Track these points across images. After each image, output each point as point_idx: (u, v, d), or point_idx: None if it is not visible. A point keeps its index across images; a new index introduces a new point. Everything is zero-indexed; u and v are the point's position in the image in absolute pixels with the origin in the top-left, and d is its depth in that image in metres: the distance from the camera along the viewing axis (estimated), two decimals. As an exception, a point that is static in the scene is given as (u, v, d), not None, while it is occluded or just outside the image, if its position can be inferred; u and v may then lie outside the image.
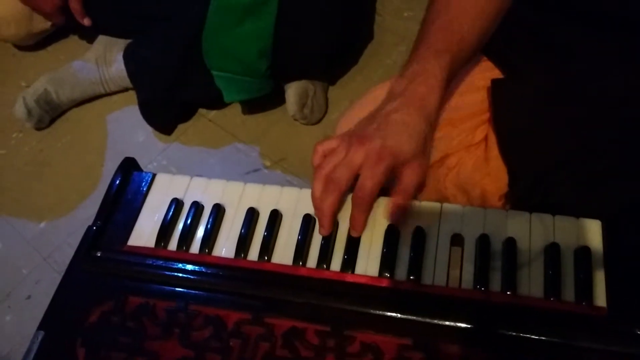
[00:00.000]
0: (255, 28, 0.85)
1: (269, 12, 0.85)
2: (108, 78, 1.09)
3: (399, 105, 0.52)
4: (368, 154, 0.50)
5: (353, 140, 0.51)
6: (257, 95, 0.97)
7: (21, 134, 1.14)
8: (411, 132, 0.51)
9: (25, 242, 1.02)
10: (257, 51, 0.87)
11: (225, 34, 0.86)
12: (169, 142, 1.07)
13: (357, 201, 0.51)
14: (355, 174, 0.50)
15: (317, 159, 0.54)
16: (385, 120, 0.52)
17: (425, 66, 0.53)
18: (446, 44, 0.54)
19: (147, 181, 0.59)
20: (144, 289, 0.52)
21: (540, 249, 0.49)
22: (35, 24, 1.12)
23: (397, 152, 0.50)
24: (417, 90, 0.52)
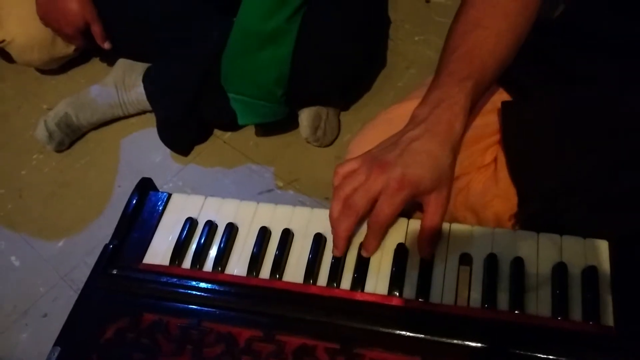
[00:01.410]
0: (275, 55, 0.87)
1: (289, 41, 0.87)
2: (127, 101, 1.12)
3: (422, 132, 0.52)
4: (388, 182, 0.50)
5: (374, 166, 0.51)
6: (271, 120, 0.99)
7: (42, 155, 1.17)
8: (433, 162, 0.51)
9: (43, 260, 1.04)
10: (275, 77, 0.89)
11: (245, 59, 0.89)
12: (184, 163, 1.10)
13: (372, 227, 0.51)
14: (374, 200, 0.51)
15: (337, 180, 0.54)
16: (407, 148, 0.51)
17: (448, 92, 0.53)
18: (468, 71, 0.54)
19: (162, 201, 0.61)
20: (158, 306, 0.53)
21: (548, 268, 0.50)
22: (57, 48, 1.16)
23: (417, 182, 0.50)
24: (442, 117, 0.52)
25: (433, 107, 0.53)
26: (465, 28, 0.57)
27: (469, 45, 0.56)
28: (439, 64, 0.58)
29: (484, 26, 0.57)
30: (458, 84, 0.54)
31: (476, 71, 0.55)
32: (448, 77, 0.54)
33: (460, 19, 0.59)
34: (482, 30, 0.57)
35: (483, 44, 0.56)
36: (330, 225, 0.53)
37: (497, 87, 0.70)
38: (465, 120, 0.53)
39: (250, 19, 0.86)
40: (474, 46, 0.56)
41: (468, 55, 0.55)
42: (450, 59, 0.56)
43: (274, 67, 0.88)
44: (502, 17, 0.57)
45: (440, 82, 0.55)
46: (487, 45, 0.56)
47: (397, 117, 0.60)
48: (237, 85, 0.93)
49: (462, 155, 0.68)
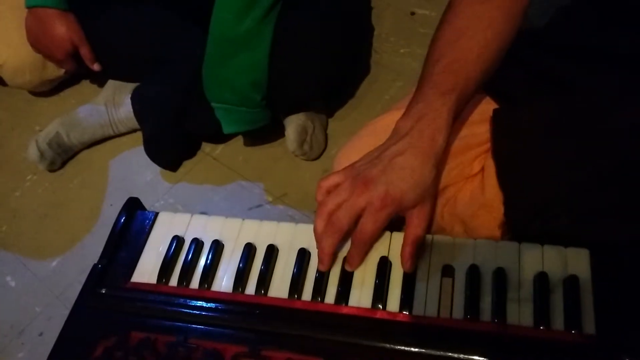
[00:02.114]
0: (249, 60, 0.88)
1: (262, 45, 0.87)
2: (117, 120, 1.13)
3: (406, 147, 0.52)
4: (372, 199, 0.50)
5: (358, 182, 0.51)
6: (255, 127, 0.99)
7: (35, 176, 1.18)
8: (417, 178, 0.51)
9: (38, 280, 1.05)
10: (251, 82, 0.90)
11: (221, 66, 0.89)
12: (175, 181, 1.10)
13: (356, 243, 0.52)
14: (357, 216, 0.51)
15: (320, 195, 0.54)
16: (391, 163, 0.51)
17: (431, 106, 0.53)
18: (452, 83, 0.54)
19: (150, 220, 0.62)
20: (146, 324, 0.53)
21: (530, 278, 0.50)
22: (48, 71, 1.18)
23: (401, 199, 0.50)
24: (424, 131, 0.52)
25: (416, 121, 0.53)
26: (449, 37, 0.57)
27: (453, 55, 0.55)
28: (422, 73, 0.57)
29: (469, 36, 0.56)
30: (441, 97, 0.53)
31: (460, 83, 0.54)
32: (431, 89, 0.54)
33: (444, 27, 0.58)
34: (467, 40, 0.56)
35: (467, 55, 0.55)
36: (315, 240, 0.54)
37: (486, 97, 0.70)
38: (448, 133, 0.53)
39: (221, 25, 0.87)
40: (458, 57, 0.55)
41: (452, 67, 0.55)
42: (434, 70, 0.55)
43: (250, 72, 0.89)
44: (487, 27, 0.57)
45: (424, 94, 0.55)
46: (471, 55, 0.55)
47: (382, 127, 0.60)
48: (216, 93, 0.93)
49: (450, 165, 0.68)
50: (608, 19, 0.60)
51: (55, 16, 1.03)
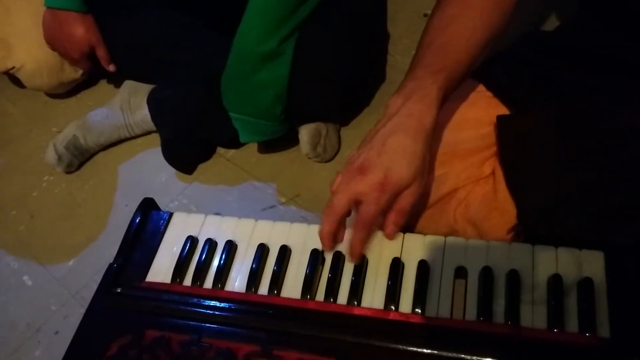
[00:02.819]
0: (272, 76, 0.88)
1: (285, 61, 0.88)
2: (132, 122, 1.14)
3: (396, 127, 0.53)
4: (372, 184, 0.51)
5: (354, 169, 0.52)
6: (272, 137, 1.00)
7: (52, 177, 1.19)
8: (410, 158, 0.52)
9: (54, 280, 1.06)
10: (273, 97, 0.90)
11: (243, 80, 0.90)
12: (189, 181, 1.11)
13: (358, 224, 0.52)
14: (354, 200, 0.52)
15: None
16: (384, 147, 0.52)
17: (421, 84, 0.55)
18: (442, 64, 0.56)
19: (164, 220, 0.63)
20: (160, 323, 0.54)
21: (544, 280, 0.50)
22: (65, 73, 1.19)
23: (399, 181, 0.52)
24: (414, 109, 0.54)
25: (406, 98, 0.54)
26: (440, 24, 0.59)
27: (444, 39, 0.58)
28: (414, 57, 0.59)
29: (459, 22, 0.59)
30: (431, 76, 0.55)
31: (450, 65, 0.56)
32: (422, 69, 0.56)
33: (436, 15, 0.61)
34: (457, 26, 0.58)
35: (457, 39, 0.58)
36: None
37: (494, 100, 0.71)
38: (436, 111, 0.54)
39: (246, 42, 0.87)
40: (449, 41, 0.58)
41: (442, 49, 0.57)
42: (425, 52, 0.58)
43: (271, 88, 0.90)
44: (477, 15, 0.59)
45: (415, 74, 0.56)
46: (461, 40, 0.58)
47: None
48: (236, 105, 0.94)
49: (459, 167, 0.69)
50: (611, 25, 0.61)
51: (73, 18, 1.04)
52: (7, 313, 1.04)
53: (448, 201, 0.70)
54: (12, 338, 1.01)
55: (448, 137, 0.68)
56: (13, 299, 1.06)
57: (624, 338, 0.46)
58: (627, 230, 0.54)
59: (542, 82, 0.67)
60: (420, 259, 0.54)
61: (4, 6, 1.15)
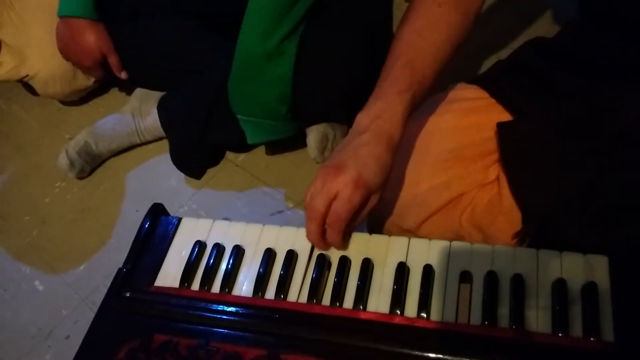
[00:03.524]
0: (275, 74, 0.89)
1: (287, 60, 0.89)
2: (143, 129, 1.16)
3: (368, 139, 0.57)
4: (346, 182, 0.54)
5: (329, 170, 0.55)
6: (279, 137, 1.01)
7: (64, 183, 1.21)
8: (381, 165, 0.56)
9: (65, 284, 1.08)
10: (277, 96, 0.91)
11: (248, 81, 0.91)
12: (199, 187, 1.12)
13: (332, 224, 0.54)
14: (333, 199, 0.54)
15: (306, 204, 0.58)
16: (358, 153, 0.56)
17: (390, 104, 0.58)
18: (409, 83, 0.59)
19: (173, 225, 0.63)
20: (169, 327, 0.55)
21: (548, 285, 0.50)
22: (78, 81, 1.22)
23: (370, 183, 0.55)
24: (384, 127, 0.57)
25: (375, 117, 0.58)
26: (409, 37, 0.62)
27: (411, 55, 0.60)
28: (383, 68, 0.62)
29: (425, 37, 0.61)
30: (399, 95, 0.58)
31: (416, 83, 0.59)
32: (390, 87, 0.59)
33: (405, 27, 0.63)
34: (424, 41, 0.61)
35: (424, 57, 0.61)
36: None
37: (496, 104, 0.71)
38: (403, 129, 0.58)
39: (247, 43, 0.89)
40: (415, 57, 0.60)
41: (409, 66, 0.60)
42: (394, 68, 0.60)
43: (275, 86, 0.91)
44: (443, 29, 0.62)
45: (383, 91, 0.60)
46: (427, 57, 0.61)
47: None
48: (243, 106, 0.95)
49: (463, 172, 0.69)
50: (611, 30, 0.62)
51: (85, 26, 1.06)
52: (18, 317, 1.06)
53: (453, 206, 0.70)
54: (23, 342, 1.03)
55: (451, 143, 0.69)
56: (25, 304, 1.07)
57: (628, 342, 0.46)
58: (629, 232, 0.54)
59: (543, 88, 0.68)
60: (426, 264, 0.54)
61: (19, 16, 1.18)
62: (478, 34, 1.24)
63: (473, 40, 1.20)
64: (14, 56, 1.19)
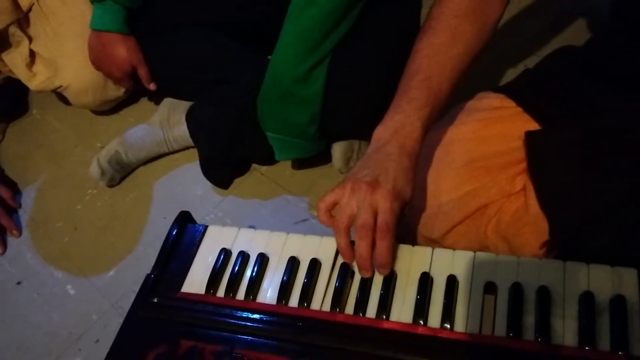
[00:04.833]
0: (304, 98, 0.90)
1: (318, 82, 0.90)
2: (171, 138, 1.18)
3: (393, 153, 0.58)
4: (384, 195, 0.54)
5: (362, 186, 0.55)
6: (307, 155, 1.02)
7: (95, 190, 1.24)
8: (409, 178, 0.57)
9: (95, 289, 1.10)
10: (307, 117, 0.92)
11: (278, 101, 0.92)
12: (224, 195, 1.14)
13: (381, 233, 0.54)
14: (373, 214, 0.54)
15: (322, 215, 0.58)
16: (385, 167, 0.57)
17: (408, 119, 0.59)
18: (426, 99, 0.60)
19: (199, 233, 0.65)
20: (194, 333, 0.56)
21: (575, 297, 0.50)
22: (109, 92, 1.25)
23: (404, 194, 0.56)
24: (403, 142, 0.58)
25: (394, 132, 0.59)
26: (426, 52, 0.62)
27: (429, 71, 0.61)
28: (401, 81, 0.63)
29: (444, 53, 0.62)
30: (417, 112, 0.59)
31: (433, 99, 0.60)
32: (408, 103, 0.60)
33: (422, 42, 0.63)
34: (442, 56, 0.62)
35: (442, 71, 0.61)
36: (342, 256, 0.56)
37: (523, 114, 0.71)
38: (421, 144, 0.59)
39: (281, 65, 0.90)
40: (433, 73, 0.61)
41: (427, 81, 0.60)
42: (411, 83, 0.61)
43: (305, 109, 0.92)
44: (460, 43, 0.62)
45: (401, 107, 0.60)
46: (446, 71, 0.61)
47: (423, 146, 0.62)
48: (272, 124, 0.97)
49: (489, 182, 0.69)
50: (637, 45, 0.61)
51: (117, 39, 1.10)
52: (50, 321, 1.09)
53: (479, 216, 0.70)
54: (54, 345, 1.05)
55: (477, 152, 0.69)
56: (56, 308, 1.10)
57: (659, 358, 0.45)
58: None
59: (571, 97, 0.67)
60: (449, 274, 0.54)
61: (53, 29, 1.22)
62: (505, 43, 1.23)
63: (498, 48, 1.20)
64: (48, 67, 1.23)
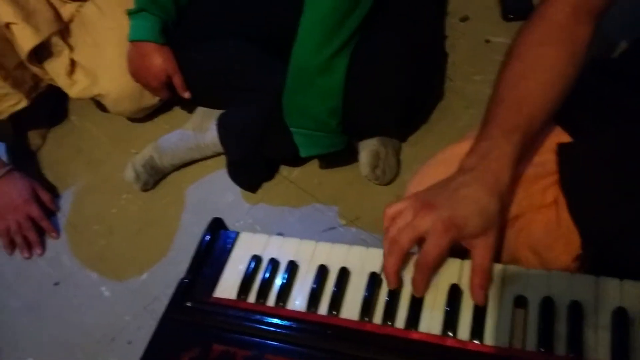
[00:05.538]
0: (326, 87, 0.92)
1: (338, 73, 0.91)
2: (203, 145, 1.21)
3: (471, 180, 0.54)
4: (435, 222, 0.52)
5: (422, 206, 0.53)
6: (331, 151, 1.03)
7: (130, 195, 1.28)
8: (481, 209, 0.52)
9: (129, 291, 1.13)
10: (328, 108, 0.93)
11: (300, 94, 0.94)
12: (254, 202, 1.16)
13: (419, 267, 0.53)
14: (419, 237, 0.53)
15: (386, 221, 0.57)
16: (455, 193, 0.53)
17: (497, 144, 0.55)
18: (516, 123, 0.56)
19: (232, 239, 0.66)
20: (226, 338, 0.57)
21: (608, 313, 0.49)
22: (145, 100, 1.29)
23: (463, 224, 0.52)
24: (490, 167, 0.54)
25: (481, 158, 0.55)
26: (512, 80, 0.59)
27: (517, 97, 0.57)
28: (486, 113, 0.59)
29: (531, 78, 0.58)
30: (506, 135, 0.55)
31: (524, 123, 0.56)
32: (496, 128, 0.56)
33: (507, 70, 0.60)
34: (528, 82, 0.58)
35: (530, 96, 0.57)
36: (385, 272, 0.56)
37: (555, 126, 0.70)
38: (512, 171, 0.55)
39: (300, 56, 0.92)
40: (522, 98, 0.57)
41: (515, 107, 0.57)
42: (498, 110, 0.57)
43: (326, 99, 0.93)
44: (548, 69, 0.59)
45: (488, 133, 0.57)
46: (534, 97, 0.57)
47: (453, 157, 0.62)
48: (295, 119, 0.98)
49: (520, 195, 0.68)
50: None
51: (153, 49, 1.14)
52: (85, 321, 1.12)
53: (509, 228, 0.69)
54: (88, 346, 1.09)
55: None
56: (91, 309, 1.14)
57: (695, 378, 0.44)
58: None
59: (605, 108, 0.66)
60: (479, 286, 0.54)
61: (93, 40, 1.27)
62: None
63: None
64: (87, 76, 1.28)
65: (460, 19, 1.23)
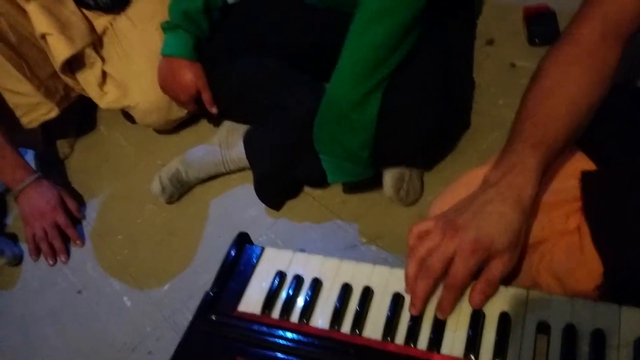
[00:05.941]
0: (359, 122, 0.93)
1: (373, 107, 0.93)
2: (229, 159, 1.23)
3: (495, 196, 0.54)
4: (462, 244, 0.53)
5: (448, 227, 0.54)
6: (358, 179, 1.04)
7: (155, 206, 1.31)
8: (506, 225, 0.53)
9: (150, 302, 1.15)
10: (361, 142, 0.95)
11: (333, 124, 0.95)
12: (277, 217, 1.17)
13: (448, 287, 0.54)
14: (449, 261, 0.54)
15: (412, 239, 0.58)
16: (480, 210, 0.54)
17: (521, 158, 0.56)
18: (541, 138, 0.57)
19: (257, 254, 0.68)
20: (250, 352, 0.58)
21: (630, 342, 0.49)
22: (173, 113, 1.32)
23: (489, 244, 0.53)
24: (514, 182, 0.55)
25: (505, 172, 0.56)
26: (538, 97, 0.60)
27: (543, 113, 0.58)
28: (511, 129, 0.60)
29: (557, 95, 0.59)
30: (530, 150, 0.56)
31: (548, 137, 0.57)
32: (521, 143, 0.57)
33: (534, 87, 0.62)
34: (555, 98, 0.59)
35: (556, 113, 0.58)
36: (406, 284, 0.57)
37: (579, 152, 0.70)
38: (537, 185, 0.55)
39: (338, 89, 0.93)
40: (547, 115, 0.58)
41: (541, 123, 0.58)
42: (524, 126, 0.58)
43: (359, 133, 0.94)
44: (574, 88, 0.59)
45: (512, 147, 0.57)
46: (559, 114, 0.58)
47: (477, 178, 0.63)
48: (326, 147, 0.99)
49: (543, 220, 0.68)
50: None
51: (184, 65, 1.17)
52: (106, 330, 1.14)
53: (531, 253, 0.69)
54: (109, 355, 1.10)
55: None
56: (113, 318, 1.16)
57: None
58: None
59: (629, 135, 0.66)
60: (502, 311, 0.54)
61: (124, 52, 1.31)
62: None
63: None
64: (118, 88, 1.32)
65: (486, 42, 1.24)
